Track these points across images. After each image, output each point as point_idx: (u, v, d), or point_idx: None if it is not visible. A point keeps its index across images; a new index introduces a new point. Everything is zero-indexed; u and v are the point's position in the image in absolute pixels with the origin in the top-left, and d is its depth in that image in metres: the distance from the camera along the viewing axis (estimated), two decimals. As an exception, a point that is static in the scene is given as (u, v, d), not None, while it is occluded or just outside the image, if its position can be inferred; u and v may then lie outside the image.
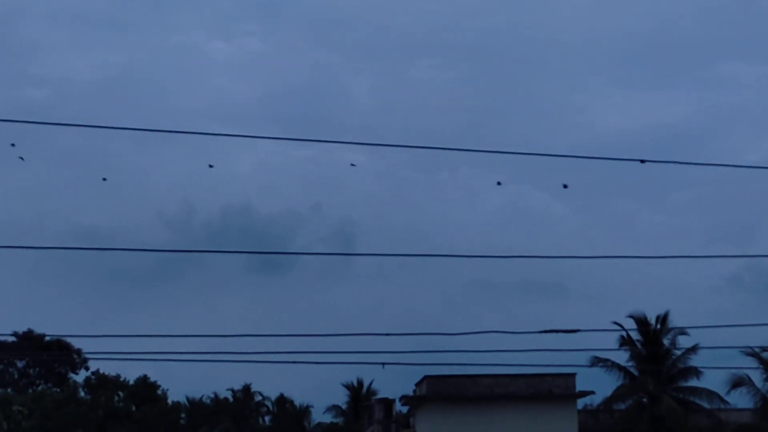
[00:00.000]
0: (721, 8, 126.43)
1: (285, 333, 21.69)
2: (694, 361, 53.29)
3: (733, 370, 51.46)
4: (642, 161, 20.09)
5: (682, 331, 52.32)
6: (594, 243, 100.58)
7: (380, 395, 72.71)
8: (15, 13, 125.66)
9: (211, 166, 45.36)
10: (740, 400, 53.37)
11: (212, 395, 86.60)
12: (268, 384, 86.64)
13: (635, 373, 54.62)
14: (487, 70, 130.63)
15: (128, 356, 23.71)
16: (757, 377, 52.51)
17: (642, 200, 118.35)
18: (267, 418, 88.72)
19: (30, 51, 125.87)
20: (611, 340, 52.94)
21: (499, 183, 57.76)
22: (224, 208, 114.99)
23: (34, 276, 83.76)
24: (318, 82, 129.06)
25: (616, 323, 52.05)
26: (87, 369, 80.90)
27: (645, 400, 53.97)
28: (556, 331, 22.02)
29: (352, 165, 50.08)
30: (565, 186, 46.07)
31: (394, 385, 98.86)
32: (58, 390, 79.34)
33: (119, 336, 22.09)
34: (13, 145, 40.43)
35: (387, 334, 20.65)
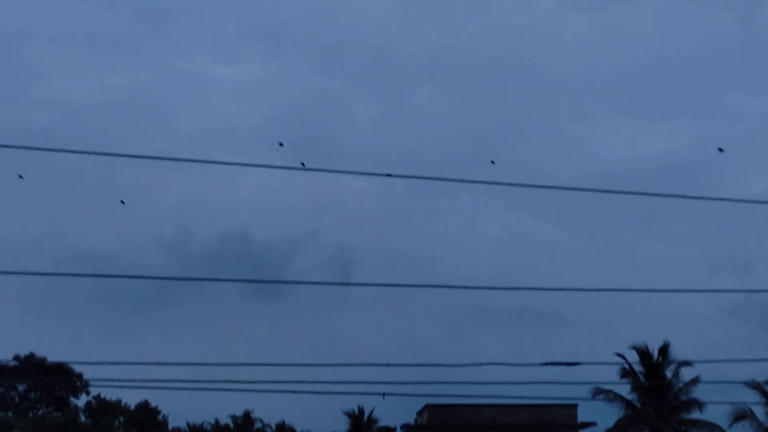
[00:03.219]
0: (724, 40, 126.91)
1: (285, 362, 21.68)
2: (697, 393, 53.11)
3: (736, 403, 51.27)
4: (638, 193, 20.12)
5: (685, 363, 52.17)
6: (594, 271, 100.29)
7: (381, 423, 72.39)
8: (20, 37, 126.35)
9: (122, 202, 44.85)
10: (743, 433, 53.14)
11: (213, 421, 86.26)
12: (269, 410, 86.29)
13: (637, 404, 54.41)
14: (489, 97, 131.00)
15: (129, 383, 23.73)
16: (759, 411, 52.28)
17: (643, 229, 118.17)
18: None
19: (34, 74, 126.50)
20: (613, 371, 52.79)
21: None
22: (223, 233, 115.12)
23: (34, 299, 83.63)
24: (320, 107, 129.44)
25: (618, 354, 51.97)
26: (88, 394, 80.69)
27: None
28: (558, 364, 22.00)
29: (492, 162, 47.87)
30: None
31: (395, 412, 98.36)
32: (59, 414, 79.06)
33: (120, 364, 22.11)
34: (21, 176, 40.58)
35: (387, 365, 20.63)
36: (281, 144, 43.95)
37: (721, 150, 48.22)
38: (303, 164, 24.08)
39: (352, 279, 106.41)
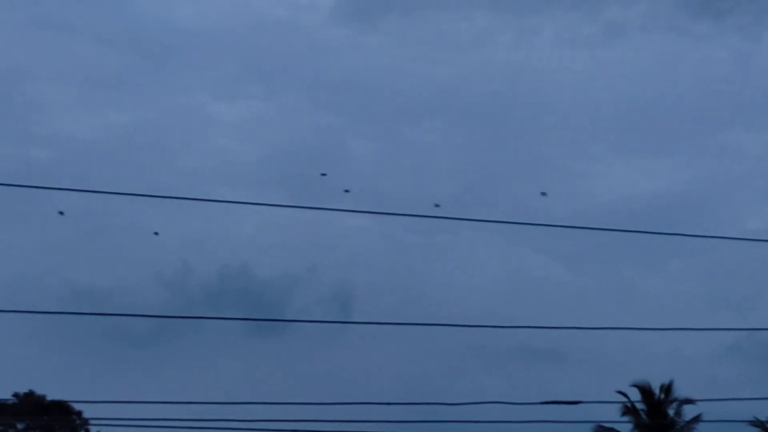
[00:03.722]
0: (722, 78, 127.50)
1: (284, 401, 21.67)
2: (699, 431, 52.96)
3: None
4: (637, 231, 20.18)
5: (688, 401, 52.06)
6: (595, 308, 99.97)
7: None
8: (20, 73, 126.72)
9: (156, 233, 44.91)
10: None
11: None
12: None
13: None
14: (488, 134, 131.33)
15: (129, 421, 23.66)
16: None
17: (643, 266, 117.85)
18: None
19: (34, 111, 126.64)
20: (614, 409, 52.66)
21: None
22: (223, 269, 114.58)
23: (33, 336, 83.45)
24: (320, 144, 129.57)
25: (620, 392, 51.90)
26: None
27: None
28: (558, 403, 21.96)
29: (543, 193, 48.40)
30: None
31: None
32: (58, 452, 78.65)
33: (120, 402, 22.07)
34: (62, 213, 40.67)
35: (387, 404, 20.58)
36: (324, 174, 44.76)
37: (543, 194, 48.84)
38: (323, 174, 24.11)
39: (352, 316, 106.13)
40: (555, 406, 22.20)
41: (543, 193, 45.29)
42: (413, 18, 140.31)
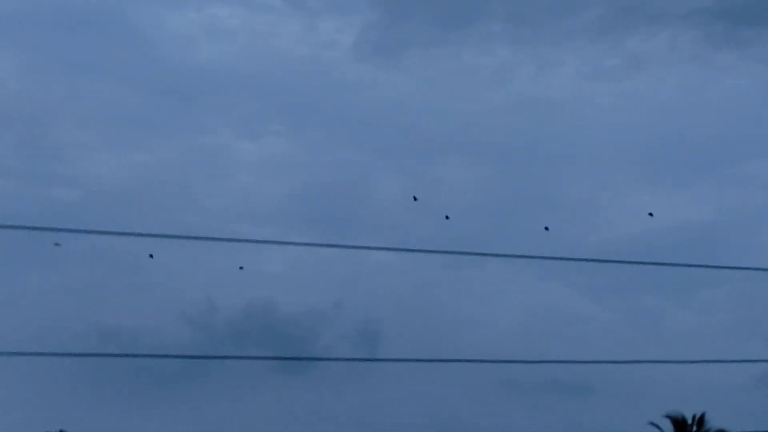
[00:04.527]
0: (745, 106, 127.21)
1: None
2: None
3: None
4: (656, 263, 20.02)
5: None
6: (623, 341, 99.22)
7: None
8: (45, 115, 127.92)
9: (241, 267, 45.51)
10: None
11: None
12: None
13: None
14: (512, 168, 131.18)
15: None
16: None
17: (671, 298, 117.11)
18: None
19: (59, 151, 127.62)
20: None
21: None
22: (248, 306, 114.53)
23: (62, 375, 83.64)
24: (344, 181, 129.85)
25: (652, 424, 51.39)
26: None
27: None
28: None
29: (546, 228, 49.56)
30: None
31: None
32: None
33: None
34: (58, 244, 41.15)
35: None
36: (415, 198, 45.85)
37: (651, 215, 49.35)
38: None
39: (379, 351, 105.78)
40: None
41: (546, 228, 46.14)
42: (434, 53, 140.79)
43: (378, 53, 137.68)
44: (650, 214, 49.16)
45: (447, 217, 47.14)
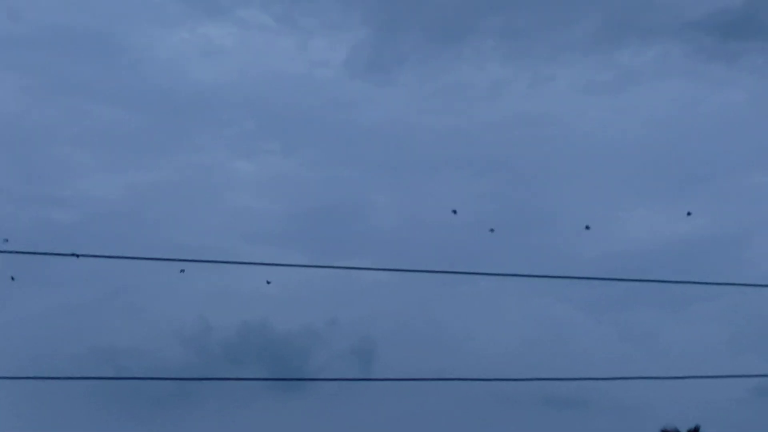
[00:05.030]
0: (739, 119, 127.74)
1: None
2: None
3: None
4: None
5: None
6: (617, 355, 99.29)
7: None
8: (42, 136, 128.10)
9: (182, 270, 45.06)
10: None
11: None
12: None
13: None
14: (509, 182, 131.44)
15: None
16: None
17: (666, 311, 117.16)
18: None
19: (54, 173, 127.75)
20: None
21: None
22: (242, 325, 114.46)
23: (55, 395, 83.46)
24: (339, 198, 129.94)
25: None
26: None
27: None
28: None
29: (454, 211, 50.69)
30: None
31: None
32: None
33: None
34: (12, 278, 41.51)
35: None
36: (455, 211, 46.33)
37: (689, 214, 49.31)
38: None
39: (373, 368, 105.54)
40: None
41: (491, 230, 46.45)
42: (427, 69, 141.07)
43: (369, 70, 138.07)
44: (689, 214, 49.26)
45: (454, 212, 47.10)
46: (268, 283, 60.22)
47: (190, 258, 20.04)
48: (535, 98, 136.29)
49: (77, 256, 38.84)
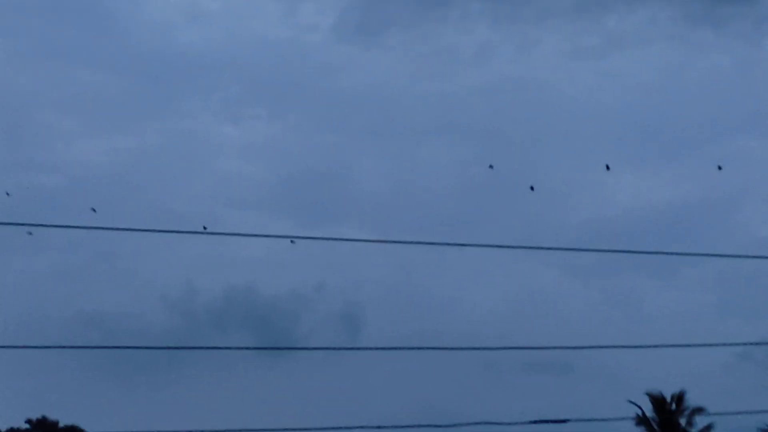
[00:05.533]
0: (725, 84, 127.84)
1: (291, 426, 21.89)
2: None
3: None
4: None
5: (699, 410, 52.01)
6: (605, 320, 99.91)
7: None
8: (25, 101, 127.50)
9: (8, 194, 44.66)
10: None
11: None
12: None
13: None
14: (495, 148, 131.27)
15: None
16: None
17: (653, 276, 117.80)
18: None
19: (40, 138, 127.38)
20: (619, 425, 52.53)
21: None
22: (228, 290, 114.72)
23: (44, 361, 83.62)
24: (325, 163, 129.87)
25: (632, 402, 51.84)
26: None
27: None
28: (547, 422, 21.99)
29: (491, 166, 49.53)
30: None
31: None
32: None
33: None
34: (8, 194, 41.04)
35: (378, 428, 20.78)
36: (491, 166, 45.54)
37: (608, 167, 49.44)
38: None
39: (360, 333, 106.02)
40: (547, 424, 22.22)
41: (491, 166, 46.17)
42: (414, 33, 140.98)
43: (357, 34, 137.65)
44: (719, 168, 49.42)
45: (491, 167, 46.25)
46: (8, 194, 58.77)
47: (175, 229, 20.06)
48: (521, 62, 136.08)
49: (30, 233, 38.75)
